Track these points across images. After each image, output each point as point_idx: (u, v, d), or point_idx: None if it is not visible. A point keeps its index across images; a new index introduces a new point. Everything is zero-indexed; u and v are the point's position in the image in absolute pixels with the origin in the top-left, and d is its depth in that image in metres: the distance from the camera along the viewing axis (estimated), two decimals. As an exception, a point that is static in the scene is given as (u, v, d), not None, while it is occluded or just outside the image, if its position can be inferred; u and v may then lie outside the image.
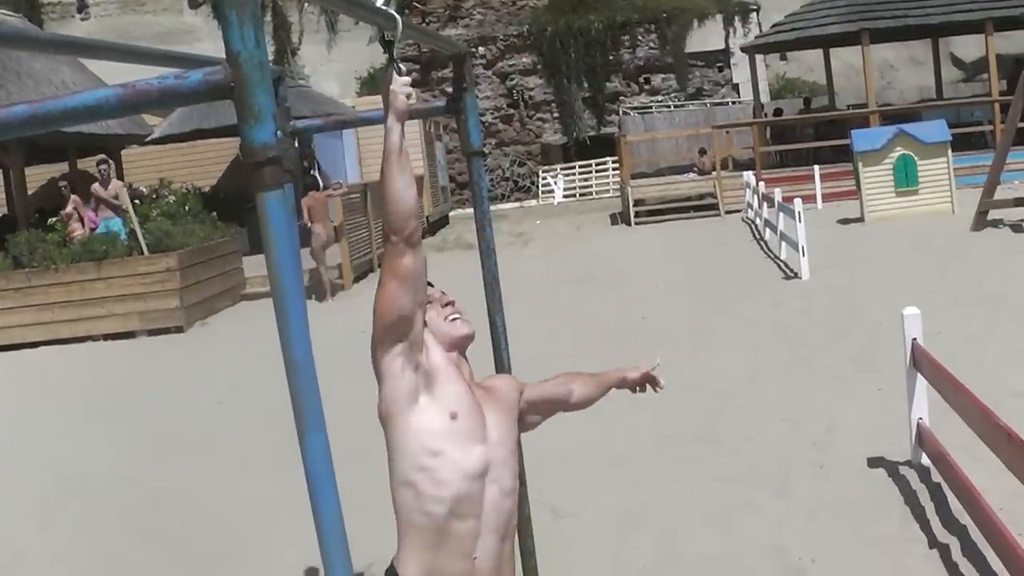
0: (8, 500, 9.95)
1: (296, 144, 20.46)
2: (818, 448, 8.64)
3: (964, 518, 6.55)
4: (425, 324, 3.76)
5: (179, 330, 18.90)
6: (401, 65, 3.63)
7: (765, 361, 11.84)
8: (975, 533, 6.30)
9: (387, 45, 3.71)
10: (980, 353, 10.80)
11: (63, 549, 8.62)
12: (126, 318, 18.96)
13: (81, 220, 20.72)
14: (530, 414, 4.19)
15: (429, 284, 3.86)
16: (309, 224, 20.02)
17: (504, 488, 3.75)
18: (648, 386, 4.57)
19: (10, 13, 27.24)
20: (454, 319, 3.87)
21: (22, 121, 2.30)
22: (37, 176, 25.82)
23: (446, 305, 3.91)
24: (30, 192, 23.53)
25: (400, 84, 3.59)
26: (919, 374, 7.58)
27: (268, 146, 2.22)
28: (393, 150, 3.55)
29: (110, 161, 22.45)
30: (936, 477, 7.37)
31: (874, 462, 8.10)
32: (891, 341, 8.99)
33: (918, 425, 7.73)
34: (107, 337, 18.83)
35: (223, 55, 2.24)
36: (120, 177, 25.31)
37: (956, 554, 6.30)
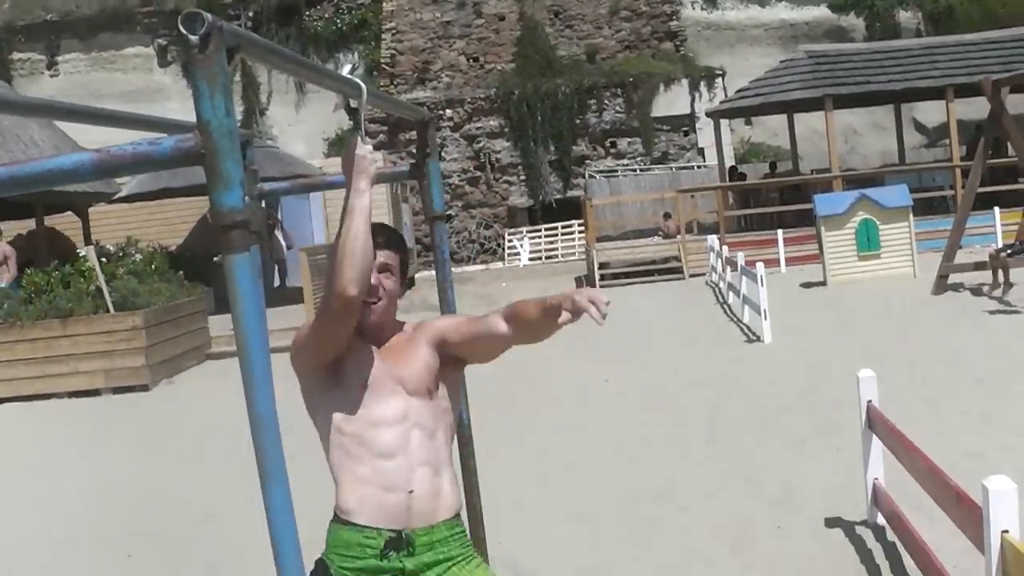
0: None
1: (263, 204, 20.49)
2: (776, 507, 8.74)
3: (917, 576, 6.66)
4: None
5: (144, 388, 18.86)
6: (365, 136, 3.76)
7: (726, 421, 11.95)
8: (928, 592, 6.41)
9: (352, 112, 3.83)
10: (937, 414, 10.96)
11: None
12: (91, 375, 18.92)
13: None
14: (466, 351, 4.34)
15: None
16: None
17: (426, 428, 4.08)
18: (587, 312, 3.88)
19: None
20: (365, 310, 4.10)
21: (1, 183, 2.41)
22: (4, 232, 25.79)
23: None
24: (-4, 249, 23.49)
25: (368, 151, 3.72)
26: (874, 435, 7.70)
27: (236, 211, 2.33)
28: (359, 210, 3.69)
29: None
30: (891, 536, 7.48)
31: (831, 521, 8.20)
32: (850, 403, 9.12)
33: (874, 485, 7.85)
34: (72, 394, 18.77)
35: (192, 113, 2.36)
36: (87, 235, 25.32)
37: (910, 612, 6.41)
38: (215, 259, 23.25)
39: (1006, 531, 4.79)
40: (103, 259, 20.88)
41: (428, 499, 4.01)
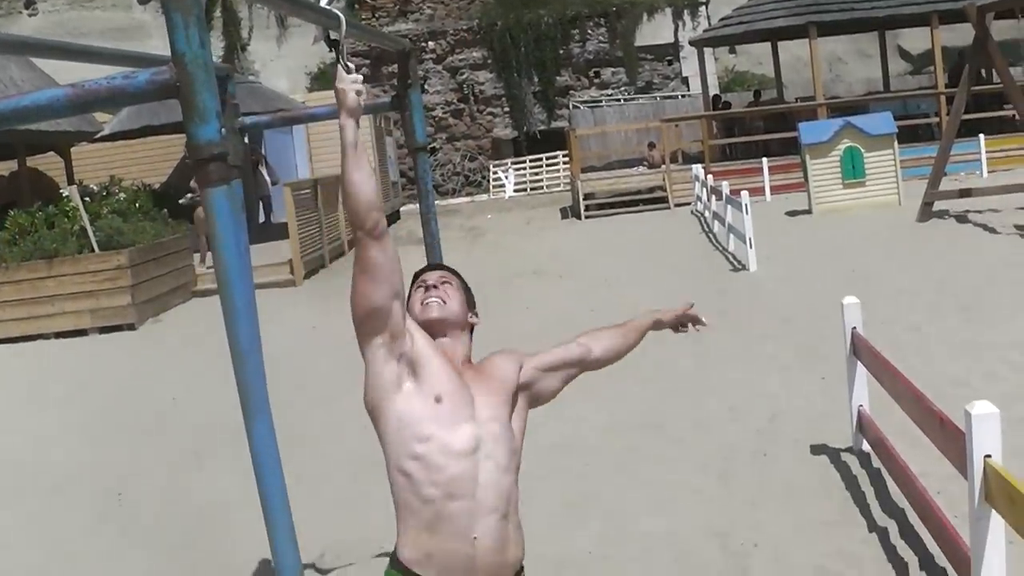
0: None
1: (246, 140, 20.41)
2: (762, 435, 8.79)
3: (902, 502, 6.70)
4: (409, 311, 3.83)
5: (131, 327, 18.86)
6: (349, 63, 3.70)
7: (711, 350, 11.97)
8: (912, 517, 6.46)
9: (333, 44, 3.79)
10: (922, 342, 10.99)
11: (13, 539, 8.66)
12: (77, 316, 18.91)
13: None
14: (543, 381, 4.20)
15: (424, 271, 4.05)
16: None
17: (499, 464, 3.71)
18: (690, 325, 4.72)
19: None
20: (425, 303, 3.91)
21: (-25, 121, 2.39)
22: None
23: (427, 289, 3.97)
24: (-22, 190, 23.41)
25: (349, 82, 3.66)
26: (859, 362, 7.73)
27: (213, 143, 2.32)
28: (349, 146, 3.60)
29: None
30: (876, 463, 7.53)
31: (816, 449, 8.25)
32: (835, 331, 9.13)
33: (858, 412, 7.89)
34: (58, 335, 18.77)
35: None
36: (70, 175, 25.22)
37: (894, 537, 6.45)
38: (181, 201, 23.22)
39: (988, 456, 4.83)
40: (87, 199, 20.81)
41: (494, 552, 3.67)
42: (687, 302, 4.52)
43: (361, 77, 3.68)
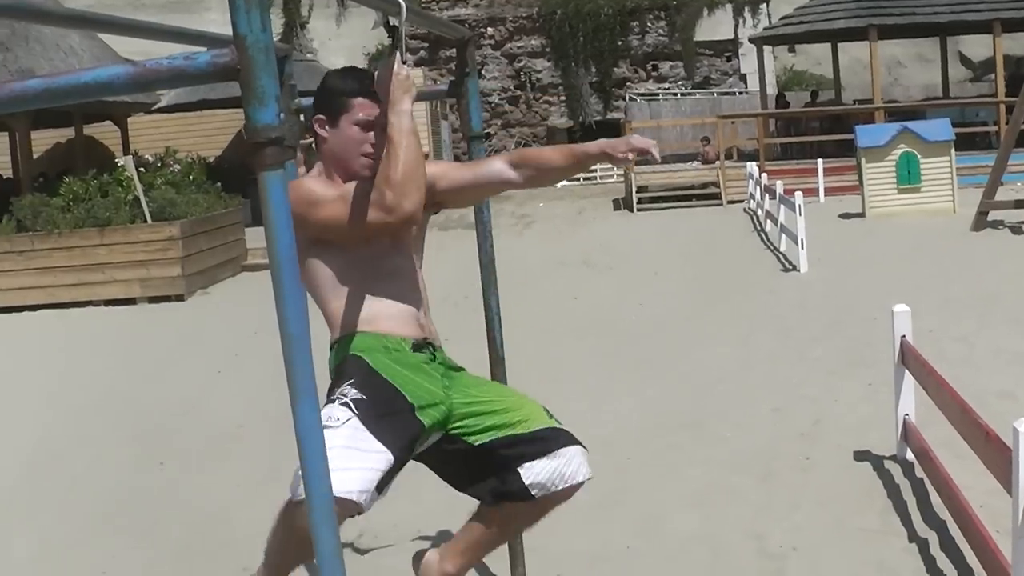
0: (2, 455, 10.04)
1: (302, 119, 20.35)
2: (805, 439, 8.73)
3: (944, 514, 6.64)
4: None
5: (180, 298, 19.00)
6: (405, 53, 3.72)
7: (757, 351, 11.93)
8: (954, 529, 6.39)
9: (392, 31, 3.79)
10: (969, 352, 10.89)
11: (50, 507, 8.72)
12: (127, 284, 19.07)
13: None
14: (451, 197, 4.42)
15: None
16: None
17: (413, 262, 4.22)
18: (633, 155, 4.22)
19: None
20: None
21: (36, 95, 2.40)
22: (43, 140, 25.90)
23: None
24: (35, 156, 23.59)
25: (406, 70, 3.70)
26: (907, 370, 7.67)
27: (271, 127, 2.31)
28: (414, 132, 3.67)
29: None
30: (919, 472, 7.46)
31: (860, 455, 8.19)
32: (883, 337, 9.06)
33: (904, 421, 7.83)
34: (108, 303, 18.93)
35: (231, 27, 2.33)
36: (126, 145, 25.38)
37: (935, 549, 6.39)
38: (251, 177, 23.34)
39: (1035, 473, 4.77)
40: (141, 169, 20.96)
41: (431, 323, 4.22)
42: (631, 139, 4.21)
43: (411, 65, 3.75)
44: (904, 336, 7.71)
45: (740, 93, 39.17)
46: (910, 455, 7.75)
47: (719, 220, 25.60)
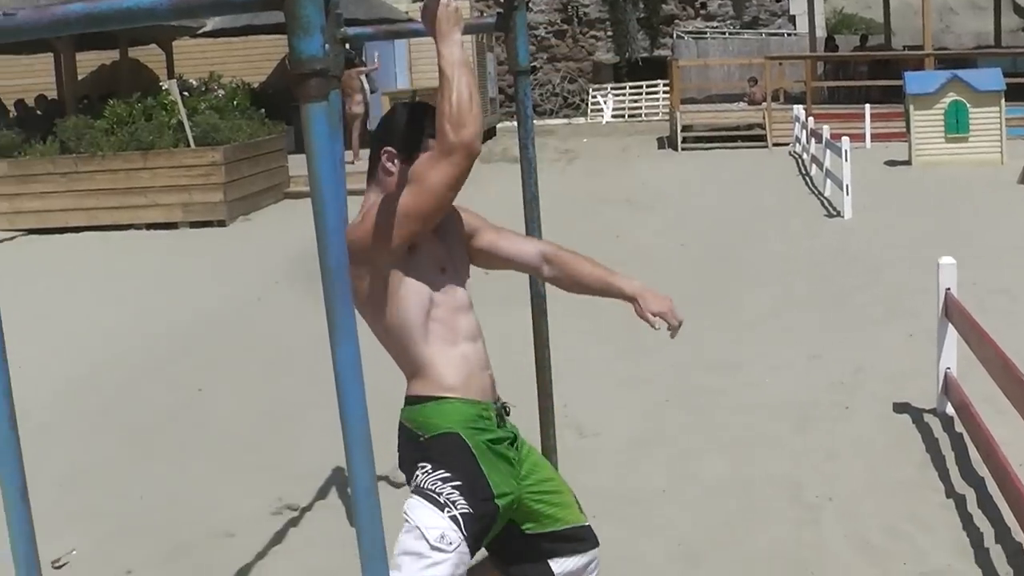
0: (39, 375, 10.11)
1: (349, 47, 20.27)
2: (843, 388, 8.67)
3: (983, 470, 6.57)
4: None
5: (221, 224, 19.06)
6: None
7: (797, 296, 11.85)
8: (992, 486, 6.33)
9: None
10: (1012, 305, 10.77)
11: (89, 426, 8.78)
12: (169, 209, 19.13)
13: None
14: (475, 257, 4.19)
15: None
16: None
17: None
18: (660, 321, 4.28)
19: None
20: None
21: (78, 19, 2.37)
22: (88, 62, 25.88)
23: None
24: (80, 78, 23.60)
25: (455, 2, 3.63)
26: (950, 324, 7.59)
27: (315, 59, 2.27)
28: (468, 63, 3.58)
29: None
30: (959, 427, 7.39)
31: (899, 407, 8.12)
32: (926, 287, 8.98)
33: (945, 374, 7.75)
34: (149, 227, 19.02)
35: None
36: (171, 69, 25.36)
37: (971, 505, 6.33)
38: (295, 104, 23.45)
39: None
40: (185, 93, 20.94)
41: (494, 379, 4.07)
42: (670, 303, 4.29)
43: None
44: (949, 289, 7.62)
45: (788, 35, 38.77)
46: (950, 409, 7.68)
47: (763, 162, 25.42)
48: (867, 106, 27.31)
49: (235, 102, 22.38)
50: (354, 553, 2.52)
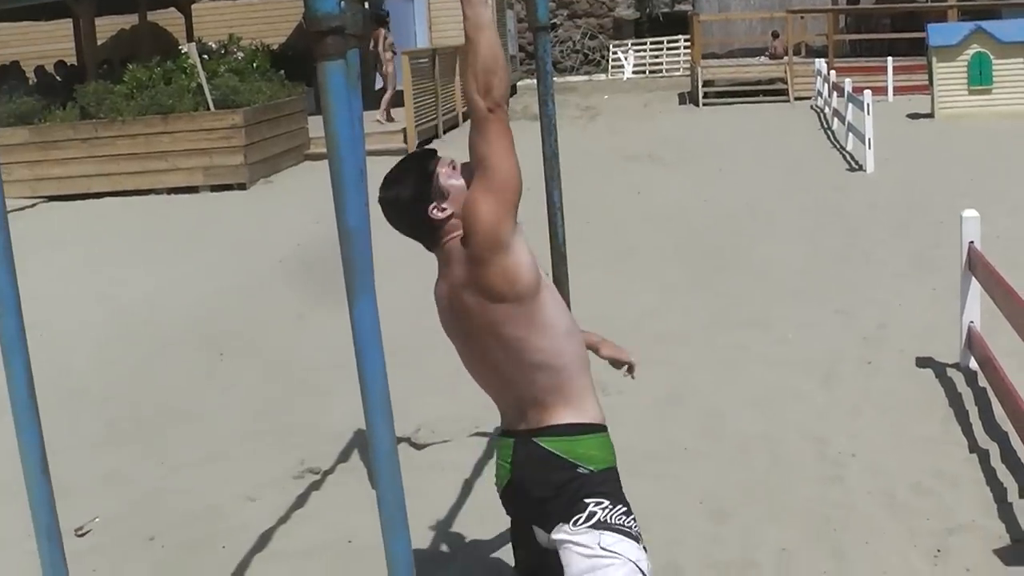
0: (69, 340, 10.16)
1: (367, 5, 20.33)
2: (868, 343, 8.64)
3: (1006, 424, 6.53)
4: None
5: (242, 187, 19.06)
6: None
7: (822, 251, 11.80)
8: (1016, 440, 6.30)
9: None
10: (1037, 257, 10.71)
11: (120, 390, 8.81)
12: (190, 173, 19.13)
13: None
14: None
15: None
16: None
17: None
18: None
19: None
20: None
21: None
22: (107, 27, 25.86)
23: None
24: (99, 43, 23.58)
25: None
26: (974, 277, 7.54)
27: (331, 16, 2.25)
28: (487, 23, 3.55)
29: None
30: (983, 382, 7.36)
31: (923, 362, 8.09)
32: (950, 241, 8.93)
33: (969, 328, 7.71)
34: (170, 191, 19.03)
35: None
36: (190, 32, 25.32)
37: (995, 460, 6.31)
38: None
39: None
40: (205, 56, 20.90)
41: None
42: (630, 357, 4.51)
43: None
44: (972, 242, 7.57)
45: (811, -13, 38.47)
46: (973, 364, 7.64)
47: (786, 117, 25.29)
48: (889, 59, 27.11)
49: (254, 64, 22.32)
50: (377, 516, 2.51)
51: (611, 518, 3.60)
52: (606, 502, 3.63)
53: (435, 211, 3.62)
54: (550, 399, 3.68)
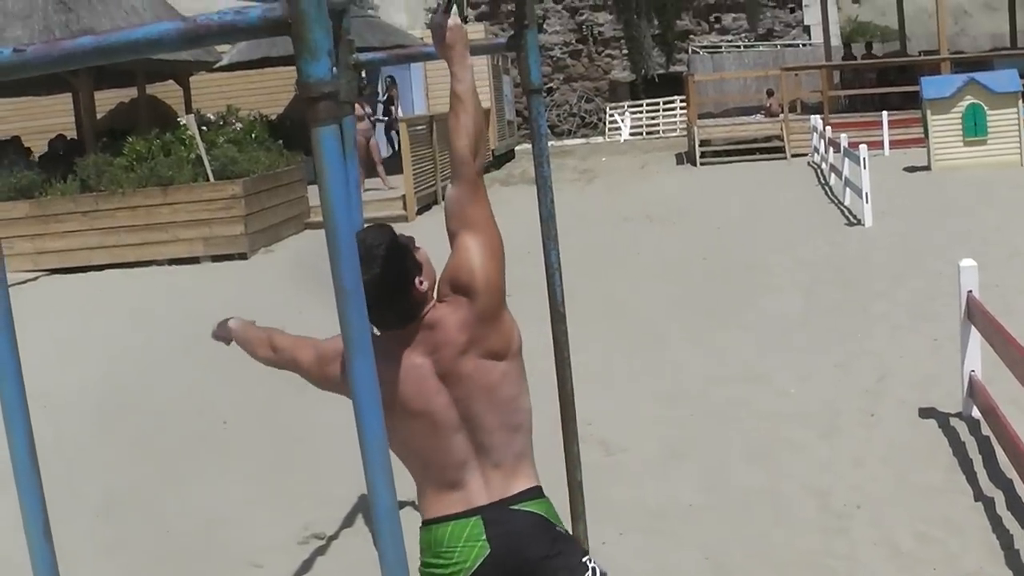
0: (68, 411, 10.16)
1: (363, 75, 20.47)
2: (869, 395, 8.66)
3: (1011, 472, 6.55)
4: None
5: (243, 257, 19.10)
6: (464, 6, 3.67)
7: (821, 305, 11.84)
8: (1020, 488, 6.32)
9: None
10: (1036, 306, 10.74)
11: (118, 458, 8.82)
12: (191, 243, 19.18)
13: None
14: None
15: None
16: None
17: None
18: None
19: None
20: None
21: (87, 52, 2.40)
22: (106, 100, 26.01)
23: None
24: (99, 116, 23.73)
25: (456, 22, 3.66)
26: (973, 326, 7.57)
27: (323, 82, 2.29)
28: (473, 89, 3.62)
29: None
30: (986, 430, 7.37)
31: (925, 412, 8.11)
32: (949, 291, 8.97)
33: (970, 377, 7.73)
34: (171, 262, 19.07)
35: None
36: (188, 103, 25.47)
37: (1000, 507, 6.32)
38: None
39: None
40: (203, 127, 21.03)
41: None
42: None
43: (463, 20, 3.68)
44: (971, 291, 7.61)
45: (804, 45, 38.75)
46: (976, 412, 7.66)
47: (783, 174, 25.38)
48: (884, 113, 27.25)
49: (253, 134, 22.44)
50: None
51: (600, 571, 3.73)
52: (588, 556, 3.77)
53: (420, 284, 3.66)
54: (521, 464, 3.74)
